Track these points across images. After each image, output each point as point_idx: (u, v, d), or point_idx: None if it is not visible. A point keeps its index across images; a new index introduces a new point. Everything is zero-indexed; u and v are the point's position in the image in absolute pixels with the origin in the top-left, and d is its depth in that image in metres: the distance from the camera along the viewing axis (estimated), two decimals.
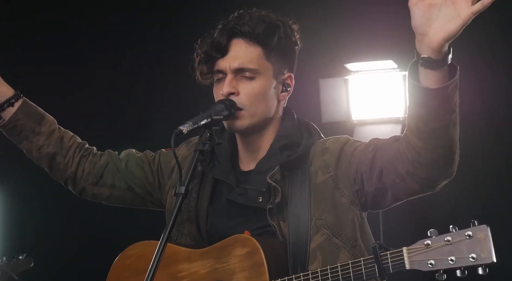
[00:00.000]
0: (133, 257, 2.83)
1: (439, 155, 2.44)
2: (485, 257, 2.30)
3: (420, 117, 2.41)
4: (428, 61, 2.32)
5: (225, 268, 2.63)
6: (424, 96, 2.37)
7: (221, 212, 2.80)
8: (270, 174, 2.69)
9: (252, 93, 2.71)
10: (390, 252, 2.41)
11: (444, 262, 2.33)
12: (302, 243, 2.65)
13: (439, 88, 2.34)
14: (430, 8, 2.29)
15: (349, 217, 2.68)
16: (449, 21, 2.28)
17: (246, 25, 2.71)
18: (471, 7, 2.25)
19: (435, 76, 2.34)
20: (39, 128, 2.95)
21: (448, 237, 2.35)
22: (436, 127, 2.40)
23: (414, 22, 2.32)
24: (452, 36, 2.28)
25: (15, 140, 2.98)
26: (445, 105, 2.37)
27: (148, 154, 3.02)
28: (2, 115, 2.95)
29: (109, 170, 2.98)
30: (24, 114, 2.93)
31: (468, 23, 2.26)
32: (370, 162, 2.59)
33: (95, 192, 3.02)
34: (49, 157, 2.97)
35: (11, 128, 2.94)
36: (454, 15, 2.27)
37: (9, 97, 2.93)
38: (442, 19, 2.28)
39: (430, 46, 2.30)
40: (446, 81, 2.34)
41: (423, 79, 2.36)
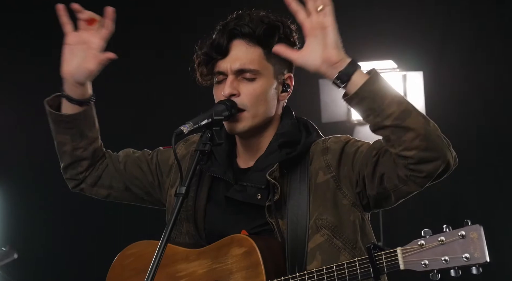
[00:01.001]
0: (132, 257, 2.83)
1: (420, 148, 2.45)
2: (478, 257, 2.30)
3: (375, 125, 2.50)
4: (342, 74, 2.50)
5: (223, 268, 2.64)
6: (356, 104, 2.50)
7: (219, 210, 2.80)
8: (270, 171, 2.69)
9: (253, 94, 2.71)
10: (384, 252, 2.42)
11: (438, 262, 2.33)
12: (300, 241, 2.66)
13: (360, 88, 2.46)
14: (309, 49, 2.53)
15: (350, 219, 2.69)
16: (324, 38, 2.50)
17: (246, 26, 2.71)
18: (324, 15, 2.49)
19: (356, 81, 2.49)
20: (87, 132, 2.93)
21: (441, 237, 2.35)
22: (391, 124, 2.46)
23: (311, 67, 2.54)
24: (336, 42, 2.50)
25: (58, 130, 2.94)
26: (380, 99, 2.46)
27: (146, 154, 3.02)
28: (64, 104, 2.91)
29: (108, 172, 2.99)
30: (84, 117, 2.91)
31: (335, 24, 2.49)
32: (372, 166, 2.59)
33: (93, 192, 3.03)
34: (77, 159, 2.96)
35: (65, 122, 2.91)
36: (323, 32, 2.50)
37: (83, 99, 2.89)
38: (320, 43, 2.51)
39: (331, 62, 2.51)
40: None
41: (349, 89, 2.51)
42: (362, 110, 2.51)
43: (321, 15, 2.49)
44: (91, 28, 2.83)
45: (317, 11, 2.49)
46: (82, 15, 2.82)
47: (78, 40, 2.84)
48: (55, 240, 6.03)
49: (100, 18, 2.82)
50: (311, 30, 2.51)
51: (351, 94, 2.48)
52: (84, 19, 2.82)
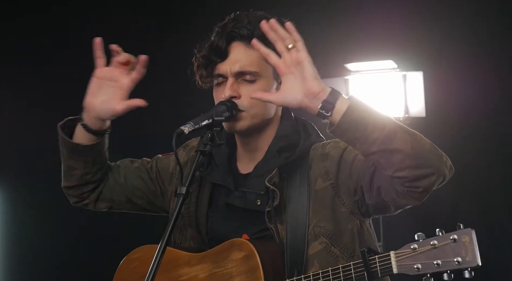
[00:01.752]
0: (137, 261, 2.85)
1: (411, 167, 2.44)
2: (469, 260, 2.31)
3: (363, 152, 2.51)
4: (325, 104, 2.48)
5: (223, 272, 2.66)
6: (341, 135, 2.50)
7: (220, 215, 2.81)
8: (269, 177, 2.70)
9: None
10: (378, 256, 2.43)
11: (430, 266, 2.34)
12: (300, 247, 2.67)
13: (342, 117, 2.46)
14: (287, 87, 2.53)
15: (348, 227, 2.70)
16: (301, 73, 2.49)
17: (245, 28, 2.71)
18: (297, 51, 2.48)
19: (339, 110, 2.47)
20: (99, 159, 2.91)
21: (434, 241, 2.36)
22: (377, 150, 2.45)
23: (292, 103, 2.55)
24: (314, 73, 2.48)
25: (70, 156, 2.90)
26: (362, 128, 2.45)
27: (145, 162, 3.03)
28: (78, 130, 2.87)
29: (108, 186, 2.99)
30: (100, 146, 2.87)
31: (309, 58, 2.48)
32: (370, 176, 2.59)
33: (96, 207, 3.03)
34: (85, 182, 2.95)
35: (81, 151, 2.88)
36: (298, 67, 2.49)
37: (102, 130, 2.86)
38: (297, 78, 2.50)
39: (313, 93, 2.48)
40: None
41: (334, 120, 2.49)
42: (348, 140, 2.51)
43: (293, 52, 2.48)
44: (123, 68, 2.77)
45: (288, 49, 2.49)
46: (119, 57, 2.76)
47: (108, 76, 2.79)
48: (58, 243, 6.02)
49: (134, 60, 2.76)
50: (286, 69, 2.50)
51: (334, 126, 2.48)
52: (121, 62, 2.76)
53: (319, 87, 2.48)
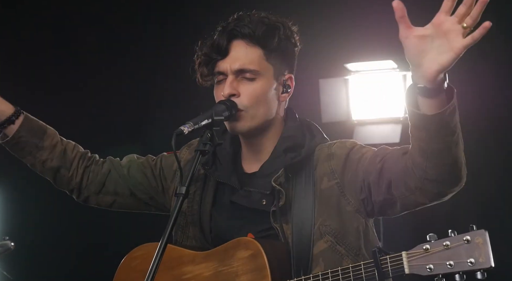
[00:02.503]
0: (139, 259, 2.85)
1: (445, 172, 2.44)
2: (483, 261, 2.32)
3: (422, 139, 2.42)
4: (424, 90, 2.33)
5: (229, 271, 2.66)
6: (423, 122, 2.38)
7: (225, 214, 2.81)
8: (275, 177, 2.70)
9: (253, 94, 2.72)
10: (389, 256, 2.43)
11: (443, 267, 2.34)
12: (305, 247, 2.67)
13: (437, 114, 2.34)
14: (422, 40, 2.29)
15: (353, 225, 2.70)
16: (441, 53, 2.27)
17: (246, 27, 2.72)
18: (463, 41, 2.24)
19: (433, 103, 2.34)
20: (41, 142, 2.96)
21: (446, 242, 2.36)
22: (437, 148, 2.41)
23: (408, 55, 2.32)
24: (445, 68, 2.28)
25: (18, 155, 3.00)
26: (445, 128, 2.38)
27: (149, 159, 3.03)
28: (4, 131, 2.94)
29: (111, 178, 3.00)
30: (26, 130, 2.93)
31: (460, 55, 2.25)
32: (378, 172, 2.59)
33: (99, 200, 3.04)
34: (53, 171, 2.99)
35: (14, 144, 2.95)
36: (447, 48, 2.26)
37: (9, 115, 2.93)
38: (435, 51, 2.28)
39: (424, 77, 2.30)
40: (444, 105, 2.34)
41: (421, 105, 2.37)
42: (422, 129, 2.40)
43: (459, 33, 2.25)
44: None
45: (463, 25, 2.27)
46: None
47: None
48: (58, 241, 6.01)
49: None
50: (438, 26, 2.27)
51: (421, 114, 2.36)
52: None
53: (435, 78, 2.31)
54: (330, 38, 5.65)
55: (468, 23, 2.25)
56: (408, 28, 2.30)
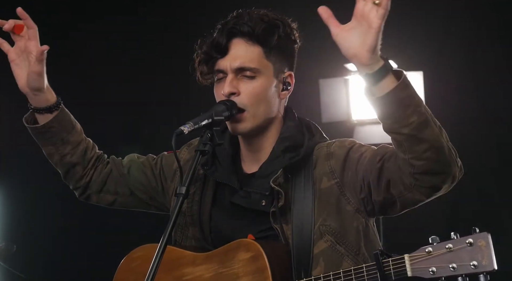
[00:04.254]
0: (139, 260, 2.84)
1: (428, 159, 2.43)
2: (486, 264, 2.31)
3: (391, 129, 2.44)
4: (369, 76, 2.38)
5: (229, 272, 2.65)
6: (381, 106, 2.41)
7: (224, 214, 2.81)
8: (274, 178, 2.69)
9: (253, 92, 2.71)
10: (392, 259, 2.42)
11: (446, 270, 2.34)
12: (306, 247, 2.66)
13: (388, 92, 2.37)
14: (350, 32, 2.37)
15: (353, 225, 2.69)
16: (365, 35, 2.34)
17: (246, 25, 2.72)
18: (376, 15, 2.32)
19: (384, 86, 2.38)
20: (68, 137, 2.96)
21: (449, 244, 2.35)
22: (408, 132, 2.41)
23: (343, 51, 2.40)
24: (373, 46, 2.34)
25: (41, 143, 2.98)
26: (404, 107, 2.39)
27: (150, 159, 3.03)
28: (37, 117, 2.94)
29: (112, 178, 3.01)
30: (58, 122, 2.93)
31: (381, 29, 2.34)
32: (377, 172, 2.58)
33: (99, 199, 3.05)
34: (69, 166, 2.99)
35: (42, 132, 2.94)
36: (367, 28, 2.34)
37: (50, 105, 2.92)
38: (360, 36, 2.35)
39: (361, 63, 2.36)
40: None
41: (375, 91, 2.41)
42: (383, 113, 2.44)
43: (374, 11, 2.33)
44: (22, 35, 2.86)
45: (374, 2, 2.34)
46: (6, 26, 2.85)
47: (18, 52, 2.87)
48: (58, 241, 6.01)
49: (20, 22, 2.85)
50: (359, 17, 2.37)
51: (375, 97, 2.41)
52: (10, 29, 2.85)
53: (369, 60, 2.37)
54: (330, 38, 5.63)
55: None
56: (337, 26, 2.39)
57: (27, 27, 2.84)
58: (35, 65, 2.82)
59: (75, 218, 5.82)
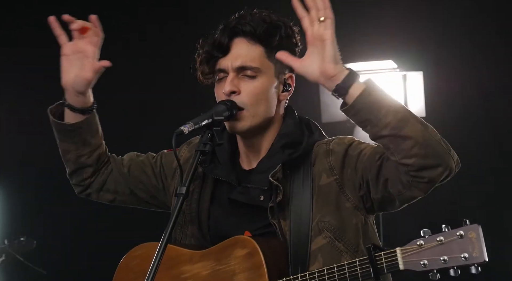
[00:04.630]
0: (138, 259, 2.85)
1: (419, 156, 2.45)
2: (476, 256, 2.31)
3: (373, 135, 2.51)
4: (339, 87, 2.48)
5: (226, 269, 2.66)
6: (353, 115, 2.50)
7: (223, 211, 2.81)
8: (272, 172, 2.69)
9: (253, 92, 2.71)
10: (384, 252, 2.43)
11: (437, 262, 2.34)
12: (303, 242, 2.67)
13: (355, 100, 2.46)
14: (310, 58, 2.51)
15: (352, 222, 2.70)
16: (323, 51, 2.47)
17: (248, 25, 2.72)
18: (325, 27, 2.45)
19: (353, 93, 2.47)
20: (91, 140, 2.95)
21: (440, 237, 2.36)
22: (389, 134, 2.46)
23: (311, 77, 2.53)
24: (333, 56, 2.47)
25: (62, 138, 2.96)
26: (376, 110, 2.46)
27: (150, 157, 3.04)
28: (66, 113, 2.92)
29: (113, 177, 3.01)
30: (87, 124, 2.92)
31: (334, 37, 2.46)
32: (376, 170, 2.59)
33: (100, 197, 3.06)
34: (81, 165, 2.99)
35: (69, 131, 2.92)
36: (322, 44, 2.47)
37: (86, 107, 2.91)
38: (319, 54, 2.48)
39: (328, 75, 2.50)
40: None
41: (347, 101, 2.49)
42: (359, 121, 2.51)
43: (322, 26, 2.46)
44: (85, 37, 2.85)
45: (319, 21, 2.47)
46: (74, 25, 2.84)
47: (74, 50, 2.85)
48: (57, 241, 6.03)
49: (92, 26, 2.85)
50: (312, 40, 2.49)
51: (347, 106, 2.49)
52: (77, 29, 2.84)
53: (334, 70, 2.48)
54: None
55: (321, 16, 2.47)
56: (296, 61, 2.56)
57: (95, 34, 2.85)
58: (89, 72, 2.83)
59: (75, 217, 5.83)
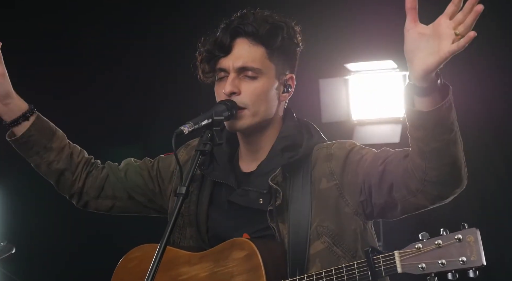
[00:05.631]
0: (136, 260, 2.85)
1: (445, 173, 2.45)
2: (474, 260, 2.31)
3: (419, 139, 2.44)
4: (418, 89, 2.37)
5: (224, 271, 2.65)
6: (418, 119, 2.40)
7: (221, 213, 2.81)
8: (272, 176, 2.70)
9: (254, 92, 2.71)
10: (382, 255, 2.43)
11: (435, 265, 2.34)
12: (301, 246, 2.66)
13: (431, 111, 2.37)
14: (420, 37, 2.35)
15: (351, 227, 2.69)
16: (430, 54, 2.32)
17: (250, 25, 2.71)
18: (450, 46, 2.29)
19: (427, 101, 2.38)
20: (50, 144, 2.96)
21: (438, 240, 2.36)
22: (436, 147, 2.42)
23: (405, 47, 2.39)
24: (431, 70, 2.32)
25: (25, 154, 2.99)
26: (441, 125, 2.39)
27: (146, 161, 3.04)
28: (14, 129, 2.94)
29: (110, 182, 3.01)
30: (37, 130, 2.93)
31: (446, 60, 2.30)
32: (379, 175, 2.58)
33: (98, 205, 3.05)
34: (58, 173, 3.00)
35: (23, 143, 2.94)
36: (435, 50, 2.31)
37: (24, 111, 2.92)
38: (426, 51, 2.33)
39: (414, 75, 2.36)
40: (439, 102, 2.36)
41: (417, 103, 2.40)
42: (418, 126, 2.42)
43: (450, 37, 2.30)
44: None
45: (455, 33, 2.31)
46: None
47: None
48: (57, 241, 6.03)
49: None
50: (436, 28, 2.33)
51: (416, 110, 2.39)
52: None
53: (420, 76, 2.36)
54: (330, 38, 5.66)
55: (460, 31, 2.30)
56: (413, 21, 2.38)
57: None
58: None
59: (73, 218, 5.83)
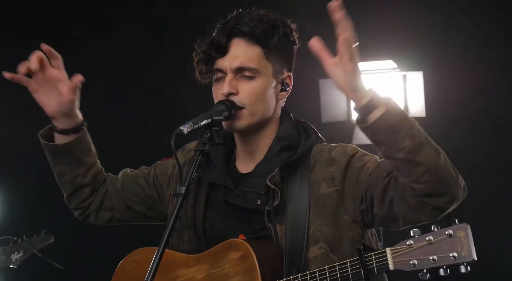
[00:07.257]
0: (135, 263, 2.85)
1: (429, 183, 2.43)
2: (465, 255, 2.31)
3: (386, 155, 2.47)
4: (357, 109, 2.45)
5: (220, 273, 2.66)
6: (370, 133, 2.46)
7: (219, 214, 2.81)
8: (270, 176, 2.69)
9: (252, 92, 2.70)
10: (374, 253, 2.42)
11: (426, 262, 2.34)
12: (298, 248, 2.66)
13: (374, 121, 2.43)
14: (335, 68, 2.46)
15: (349, 235, 2.67)
16: (346, 75, 2.42)
17: (246, 25, 2.71)
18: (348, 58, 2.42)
19: (373, 114, 2.44)
20: (84, 158, 2.95)
21: (429, 237, 2.36)
22: (403, 157, 2.42)
23: (334, 84, 2.47)
24: (353, 87, 2.41)
25: (56, 161, 2.96)
26: (394, 133, 2.42)
27: (143, 169, 3.05)
28: (57, 136, 2.92)
29: (109, 195, 3.02)
30: (79, 143, 2.91)
31: (355, 71, 2.41)
32: (384, 187, 2.56)
33: (98, 217, 3.06)
34: (78, 187, 2.99)
35: (61, 151, 2.92)
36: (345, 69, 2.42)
37: (78, 125, 2.91)
38: (344, 73, 2.43)
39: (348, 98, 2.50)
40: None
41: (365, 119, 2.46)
42: (375, 140, 2.49)
43: (346, 53, 2.43)
44: (44, 67, 2.82)
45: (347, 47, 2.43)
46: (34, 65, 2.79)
47: (41, 83, 2.83)
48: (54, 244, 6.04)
49: (47, 52, 2.81)
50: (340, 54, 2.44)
51: (366, 125, 2.45)
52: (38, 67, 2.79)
53: (353, 98, 2.46)
54: (330, 38, 5.65)
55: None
56: (327, 59, 2.48)
57: (52, 58, 2.82)
58: (68, 93, 2.83)
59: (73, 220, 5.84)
